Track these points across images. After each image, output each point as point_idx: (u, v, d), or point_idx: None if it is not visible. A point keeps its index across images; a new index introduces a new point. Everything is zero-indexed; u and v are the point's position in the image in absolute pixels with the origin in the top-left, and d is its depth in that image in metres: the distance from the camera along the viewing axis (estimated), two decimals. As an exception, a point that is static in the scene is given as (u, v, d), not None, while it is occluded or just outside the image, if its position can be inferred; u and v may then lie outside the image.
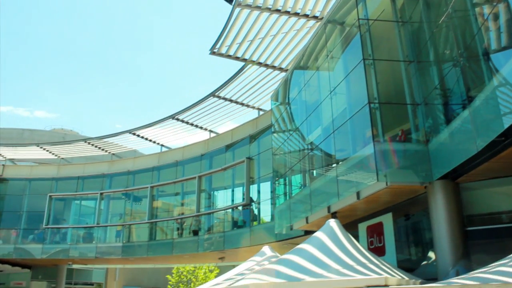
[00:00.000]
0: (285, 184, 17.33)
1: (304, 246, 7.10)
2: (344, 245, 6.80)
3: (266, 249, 11.92)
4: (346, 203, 11.43)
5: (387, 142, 10.32)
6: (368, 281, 4.34)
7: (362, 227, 12.79)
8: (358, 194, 10.74)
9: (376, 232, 12.20)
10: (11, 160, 34.17)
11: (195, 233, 24.59)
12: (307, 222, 13.91)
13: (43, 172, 31.84)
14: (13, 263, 32.87)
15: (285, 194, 17.26)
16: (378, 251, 11.53)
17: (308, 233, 15.73)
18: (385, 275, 4.61)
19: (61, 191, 30.72)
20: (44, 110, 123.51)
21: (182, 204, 26.46)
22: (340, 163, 12.03)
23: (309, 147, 14.64)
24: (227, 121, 25.81)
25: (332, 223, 7.61)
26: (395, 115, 11.16)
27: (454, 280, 4.82)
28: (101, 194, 29.02)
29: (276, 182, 17.87)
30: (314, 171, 14.39)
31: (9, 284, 36.51)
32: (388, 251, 11.50)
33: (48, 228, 30.08)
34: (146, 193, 27.20)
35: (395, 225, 11.57)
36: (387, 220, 11.76)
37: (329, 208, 12.31)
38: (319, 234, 7.39)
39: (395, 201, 11.28)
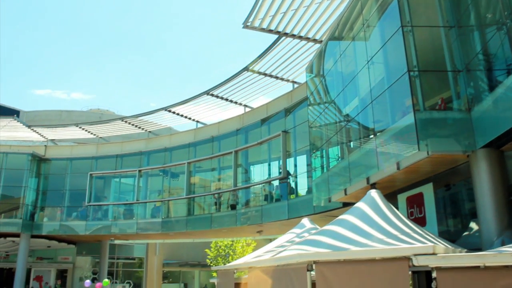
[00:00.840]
0: (322, 157, 17.23)
1: (345, 216, 7.06)
2: (386, 215, 6.72)
3: (305, 221, 11.91)
4: (386, 174, 11.29)
5: (428, 111, 10.07)
6: (415, 250, 4.27)
7: (402, 198, 12.65)
8: (398, 164, 10.58)
9: (416, 202, 12.05)
10: (52, 140, 35.13)
11: (233, 207, 24.85)
12: (345, 194, 13.82)
13: (83, 152, 32.70)
14: (59, 239, 34.21)
15: (322, 166, 17.18)
16: (418, 221, 11.39)
17: (347, 205, 15.67)
18: (432, 243, 4.55)
19: (101, 169, 31.50)
20: (80, 91, 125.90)
21: (219, 179, 26.75)
22: (378, 133, 11.84)
23: (346, 118, 14.45)
24: (262, 95, 25.75)
25: (373, 193, 7.52)
26: (434, 83, 10.87)
27: (505, 248, 4.71)
28: (140, 171, 29.58)
29: (313, 155, 17.77)
30: (352, 143, 14.23)
31: (57, 259, 38.08)
32: (429, 221, 11.36)
33: (90, 205, 30.98)
34: (183, 169, 27.57)
35: (435, 196, 11.40)
36: (427, 191, 11.58)
37: (368, 179, 12.19)
38: (360, 204, 7.32)
39: (435, 171, 11.07)
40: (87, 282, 26.99)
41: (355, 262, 4.66)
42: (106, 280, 25.90)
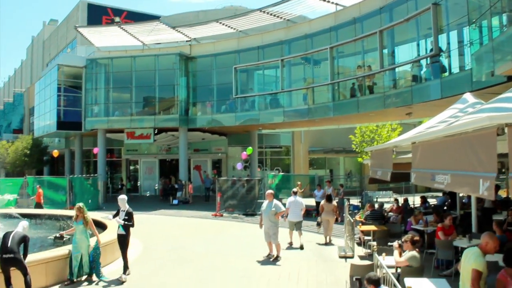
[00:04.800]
0: (481, 27, 15.58)
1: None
2: None
3: (467, 96, 11.01)
4: None
5: None
6: None
7: None
8: None
9: None
10: (195, 39, 36.52)
11: (379, 90, 24.03)
12: (514, 65, 12.45)
13: (225, 47, 33.63)
14: (212, 132, 36.83)
15: (480, 42, 15.57)
16: None
17: (511, 79, 14.20)
18: None
19: (244, 62, 32.20)
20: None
21: (364, 63, 25.77)
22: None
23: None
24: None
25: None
26: None
27: None
28: (282, 60, 29.64)
29: (472, 26, 16.12)
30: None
31: (211, 150, 41.38)
32: None
33: (237, 97, 32.27)
34: (326, 55, 26.96)
35: None
36: None
37: (543, 45, 10.79)
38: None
39: None
40: (239, 164, 29.53)
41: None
42: (250, 148, 27.74)
